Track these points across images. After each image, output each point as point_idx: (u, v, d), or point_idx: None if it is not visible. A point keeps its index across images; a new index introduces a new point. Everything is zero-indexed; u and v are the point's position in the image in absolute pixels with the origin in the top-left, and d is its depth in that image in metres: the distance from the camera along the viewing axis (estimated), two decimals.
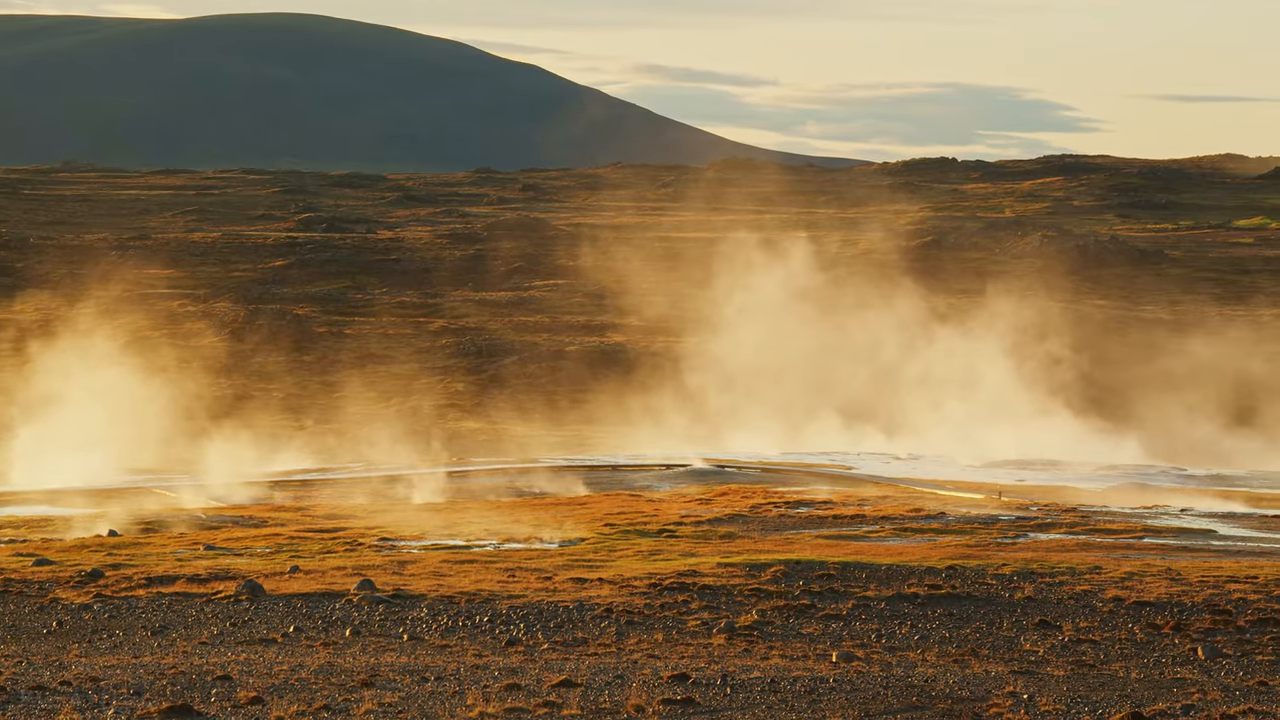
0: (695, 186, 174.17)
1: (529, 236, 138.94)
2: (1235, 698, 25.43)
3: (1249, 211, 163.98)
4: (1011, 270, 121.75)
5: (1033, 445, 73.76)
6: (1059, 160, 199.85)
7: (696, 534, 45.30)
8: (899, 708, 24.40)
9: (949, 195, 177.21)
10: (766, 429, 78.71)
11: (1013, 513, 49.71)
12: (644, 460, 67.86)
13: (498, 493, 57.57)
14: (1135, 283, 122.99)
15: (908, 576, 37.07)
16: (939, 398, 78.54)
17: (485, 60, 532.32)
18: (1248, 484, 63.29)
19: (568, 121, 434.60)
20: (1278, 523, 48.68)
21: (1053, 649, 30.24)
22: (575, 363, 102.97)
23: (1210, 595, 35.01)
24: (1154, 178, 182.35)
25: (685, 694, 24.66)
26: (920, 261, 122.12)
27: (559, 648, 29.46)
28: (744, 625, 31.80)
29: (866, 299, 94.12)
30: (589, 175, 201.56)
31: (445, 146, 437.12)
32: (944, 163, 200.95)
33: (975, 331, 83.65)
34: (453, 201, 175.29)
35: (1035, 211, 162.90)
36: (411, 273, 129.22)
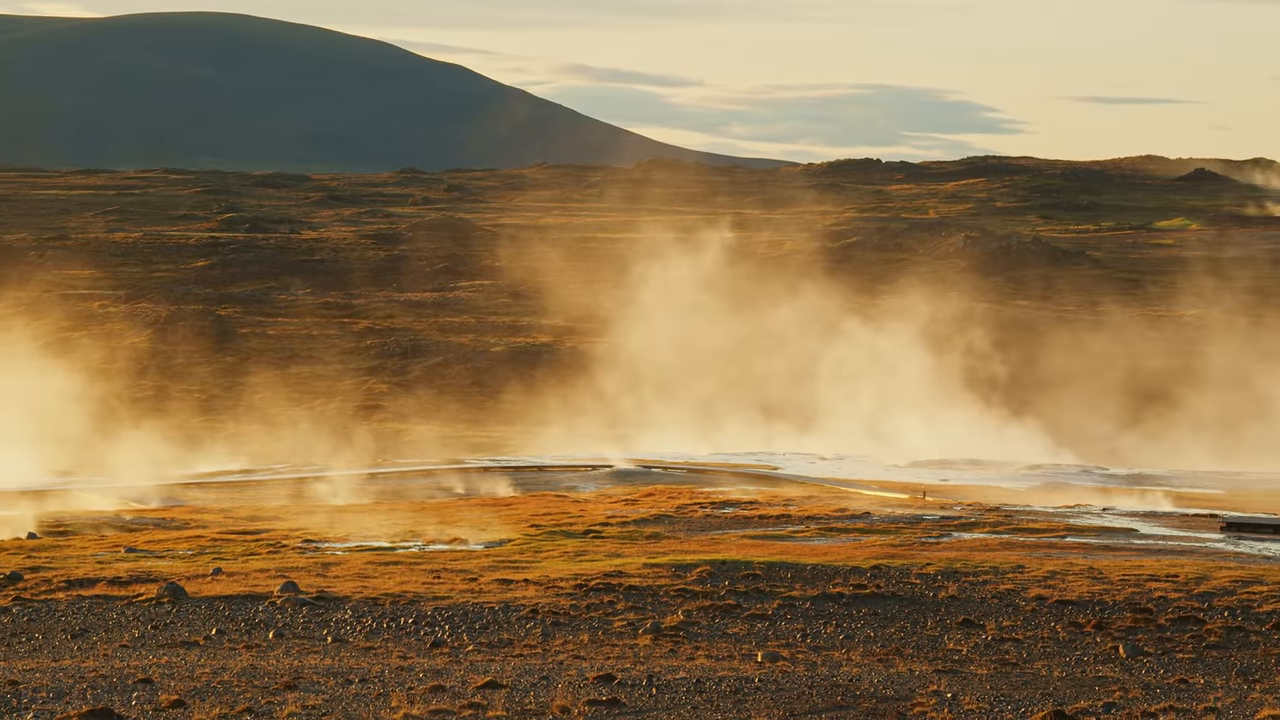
0: (620, 187, 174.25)
1: (453, 237, 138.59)
2: (1156, 695, 25.62)
3: (1169, 213, 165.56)
4: (935, 271, 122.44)
5: (954, 444, 74.16)
6: (982, 162, 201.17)
7: (623, 535, 45.27)
8: (824, 707, 24.44)
9: (873, 196, 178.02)
10: (691, 428, 78.82)
11: (937, 512, 49.94)
12: (570, 461, 67.77)
13: (423, 494, 57.34)
14: (1057, 283, 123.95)
15: (833, 576, 37.16)
16: (860, 397, 78.85)
17: (410, 60, 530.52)
18: (1168, 483, 63.87)
19: (493, 122, 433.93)
20: (1198, 521, 49.12)
21: (976, 648, 30.38)
22: (500, 363, 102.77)
23: (1132, 594, 35.28)
24: (1076, 179, 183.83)
25: (611, 695, 24.61)
26: (844, 262, 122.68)
27: (484, 649, 29.35)
28: (670, 626, 31.78)
29: (789, 299, 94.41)
30: (514, 175, 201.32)
31: (370, 146, 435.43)
32: (868, 164, 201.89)
33: (896, 331, 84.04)
34: (377, 202, 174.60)
35: (959, 212, 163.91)
36: (335, 273, 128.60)
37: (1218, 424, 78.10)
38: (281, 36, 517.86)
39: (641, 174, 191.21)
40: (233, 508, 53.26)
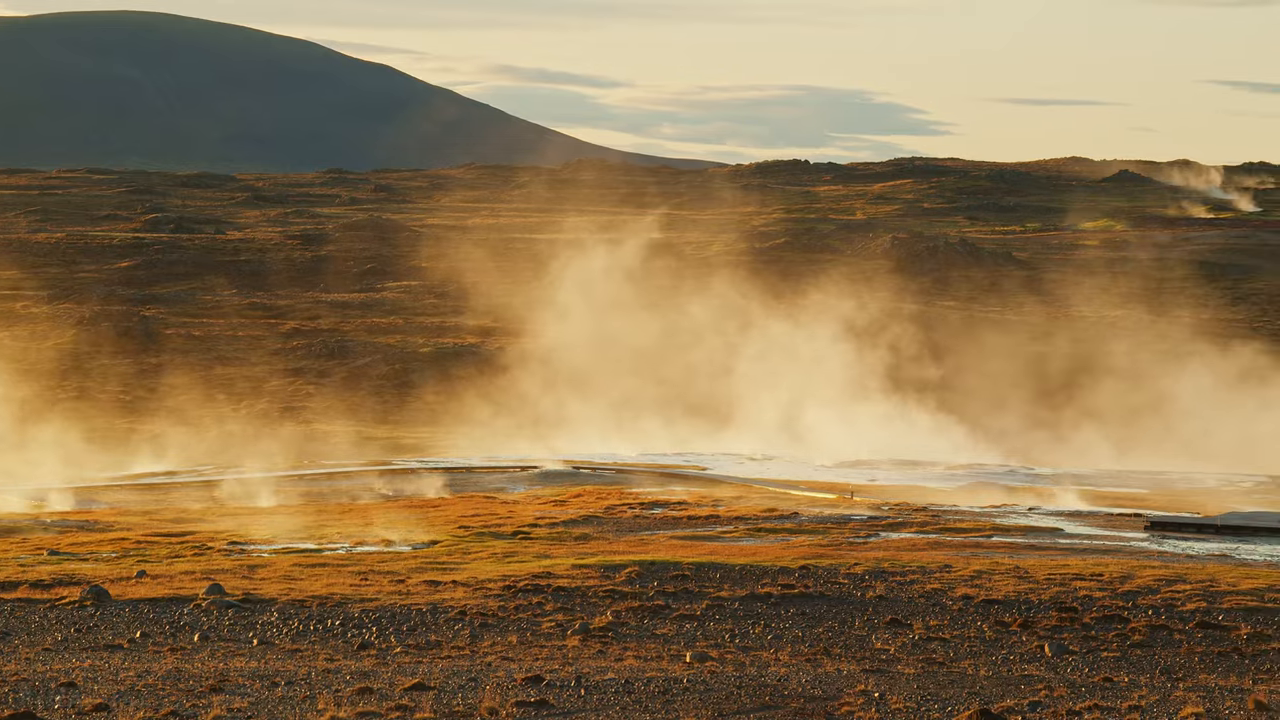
0: (548, 187, 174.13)
1: (380, 237, 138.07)
2: (1081, 694, 25.77)
3: (1094, 214, 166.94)
4: (862, 272, 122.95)
5: (880, 444, 74.47)
6: (909, 163, 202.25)
7: (551, 535, 45.19)
8: (752, 707, 24.46)
9: (801, 197, 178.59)
10: (617, 428, 78.81)
11: (865, 512, 50.11)
12: (498, 462, 67.61)
13: (350, 495, 57.06)
14: (982, 284, 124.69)
15: (761, 576, 37.22)
16: (783, 396, 79.03)
17: (336, 60, 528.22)
18: (1093, 482, 64.34)
19: (420, 122, 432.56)
20: (1123, 521, 49.49)
21: (904, 647, 30.48)
22: (427, 364, 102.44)
23: (1057, 593, 35.49)
24: (1002, 180, 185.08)
25: (539, 696, 24.55)
26: (772, 263, 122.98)
27: (412, 651, 29.22)
28: (599, 626, 31.73)
29: (715, 299, 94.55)
30: (442, 176, 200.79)
31: (296, 147, 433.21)
32: (796, 165, 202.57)
33: (821, 331, 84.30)
34: (303, 202, 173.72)
35: (886, 214, 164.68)
36: (261, 274, 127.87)
37: (1141, 424, 78.74)
38: (207, 36, 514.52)
39: (569, 174, 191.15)
40: (157, 510, 52.82)
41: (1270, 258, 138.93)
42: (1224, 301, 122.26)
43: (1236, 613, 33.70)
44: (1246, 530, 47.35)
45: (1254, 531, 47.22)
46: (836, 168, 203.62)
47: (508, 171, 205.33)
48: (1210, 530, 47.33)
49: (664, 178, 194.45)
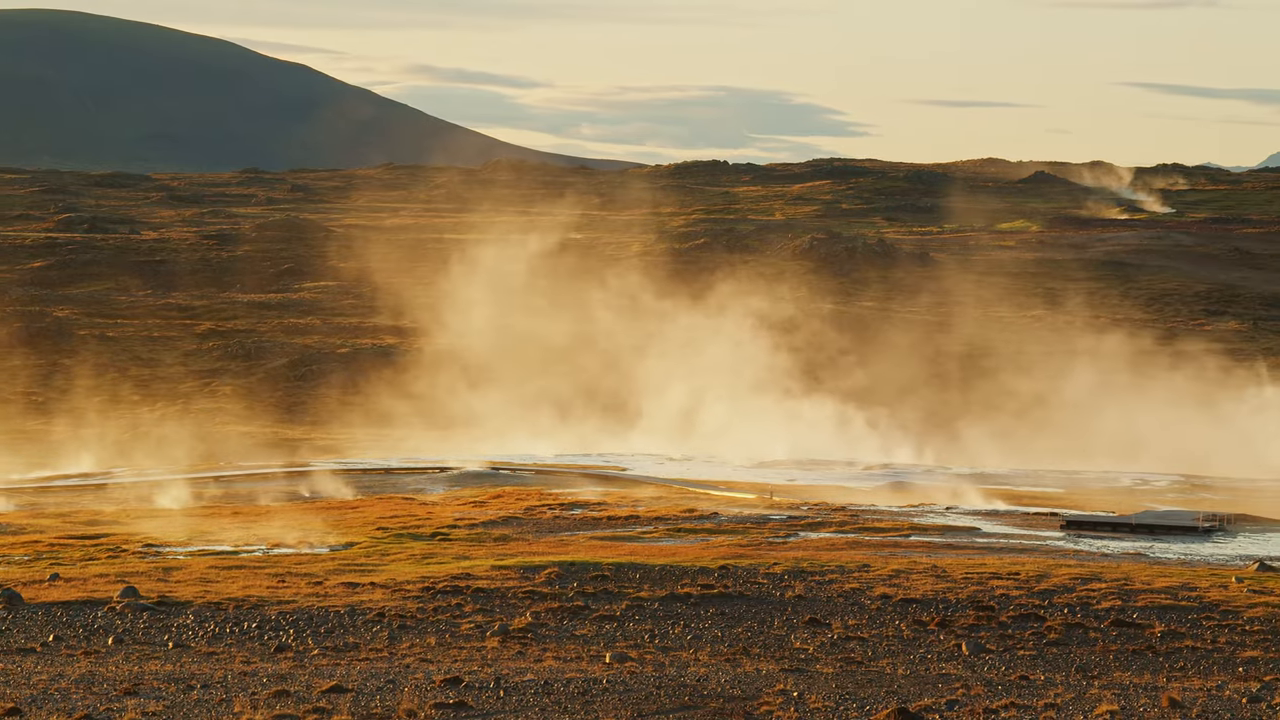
0: (468, 188, 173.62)
1: (297, 237, 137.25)
2: (998, 692, 25.90)
3: (1011, 215, 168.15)
4: (781, 272, 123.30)
5: (800, 444, 74.67)
6: (828, 164, 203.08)
7: (471, 537, 45.03)
8: (671, 707, 24.44)
9: (721, 198, 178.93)
10: (536, 429, 78.65)
11: (784, 512, 50.22)
12: (417, 463, 67.31)
13: (268, 497, 56.64)
14: (901, 285, 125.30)
15: (681, 577, 37.22)
16: (702, 397, 79.10)
17: (253, 59, 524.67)
18: (1010, 482, 64.77)
19: (338, 122, 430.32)
20: (1039, 520, 49.84)
21: (822, 646, 30.55)
22: (344, 365, 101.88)
23: (974, 592, 35.68)
24: (920, 182, 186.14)
25: (458, 697, 24.44)
26: (691, 263, 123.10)
27: (330, 653, 29.03)
28: (518, 628, 31.64)
29: (633, 301, 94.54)
30: (360, 176, 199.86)
31: (211, 146, 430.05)
32: (716, 166, 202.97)
33: (740, 332, 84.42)
34: (219, 202, 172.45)
35: (805, 214, 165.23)
36: (177, 274, 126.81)
37: (1055, 423, 79.30)
38: (121, 34, 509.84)
39: (487, 174, 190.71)
40: (71, 512, 52.24)
41: (1183, 258, 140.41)
42: (1137, 302, 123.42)
43: (1150, 611, 34.00)
44: (1160, 529, 47.80)
45: (1167, 530, 47.68)
46: (755, 168, 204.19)
47: (425, 171, 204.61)
48: (1125, 529, 47.75)
49: (583, 178, 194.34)
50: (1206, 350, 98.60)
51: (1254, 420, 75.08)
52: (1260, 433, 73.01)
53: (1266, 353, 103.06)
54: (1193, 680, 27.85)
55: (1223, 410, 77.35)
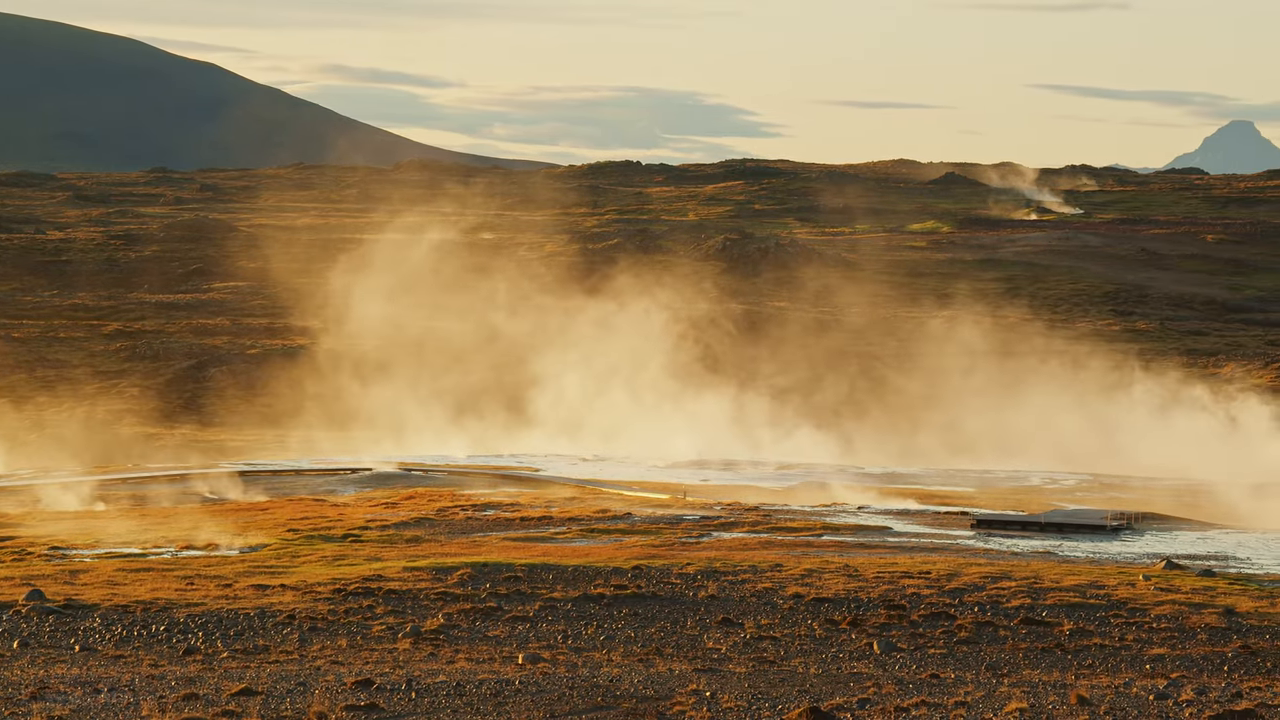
0: (380, 188, 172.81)
1: (207, 238, 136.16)
2: (909, 690, 26.02)
3: (922, 215, 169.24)
4: (695, 272, 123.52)
5: (711, 445, 74.78)
6: (741, 165, 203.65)
7: (382, 538, 44.80)
8: (584, 708, 24.40)
9: (634, 198, 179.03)
10: (448, 430, 78.38)
11: (697, 512, 50.27)
12: (328, 464, 66.89)
13: (176, 499, 56.12)
14: (813, 285, 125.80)
15: (594, 577, 37.18)
16: (613, 397, 79.07)
17: (161, 58, 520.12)
18: (921, 481, 65.14)
19: (248, 121, 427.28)
20: (950, 519, 50.14)
21: (735, 646, 30.60)
22: (255, 365, 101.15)
23: (886, 591, 35.85)
24: (832, 182, 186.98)
25: (369, 700, 24.29)
26: (605, 264, 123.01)
27: (239, 655, 28.79)
28: (430, 629, 31.49)
29: (545, 301, 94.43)
30: (270, 176, 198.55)
31: (119, 146, 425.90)
32: (629, 166, 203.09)
33: (653, 332, 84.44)
34: (127, 202, 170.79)
35: (718, 215, 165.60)
36: (84, 274, 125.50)
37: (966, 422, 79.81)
38: (27, 33, 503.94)
39: (400, 174, 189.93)
40: None
41: (1091, 259, 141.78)
42: (1046, 302, 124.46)
43: (1059, 609, 34.26)
44: (1069, 527, 48.22)
45: (1076, 529, 48.10)
46: (668, 169, 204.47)
47: (337, 171, 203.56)
48: (1034, 528, 48.12)
49: (495, 178, 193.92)
50: (1113, 350, 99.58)
51: (1157, 419, 75.87)
52: (1163, 432, 73.79)
53: (1173, 353, 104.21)
54: (1101, 678, 28.09)
55: (1125, 410, 78.11)
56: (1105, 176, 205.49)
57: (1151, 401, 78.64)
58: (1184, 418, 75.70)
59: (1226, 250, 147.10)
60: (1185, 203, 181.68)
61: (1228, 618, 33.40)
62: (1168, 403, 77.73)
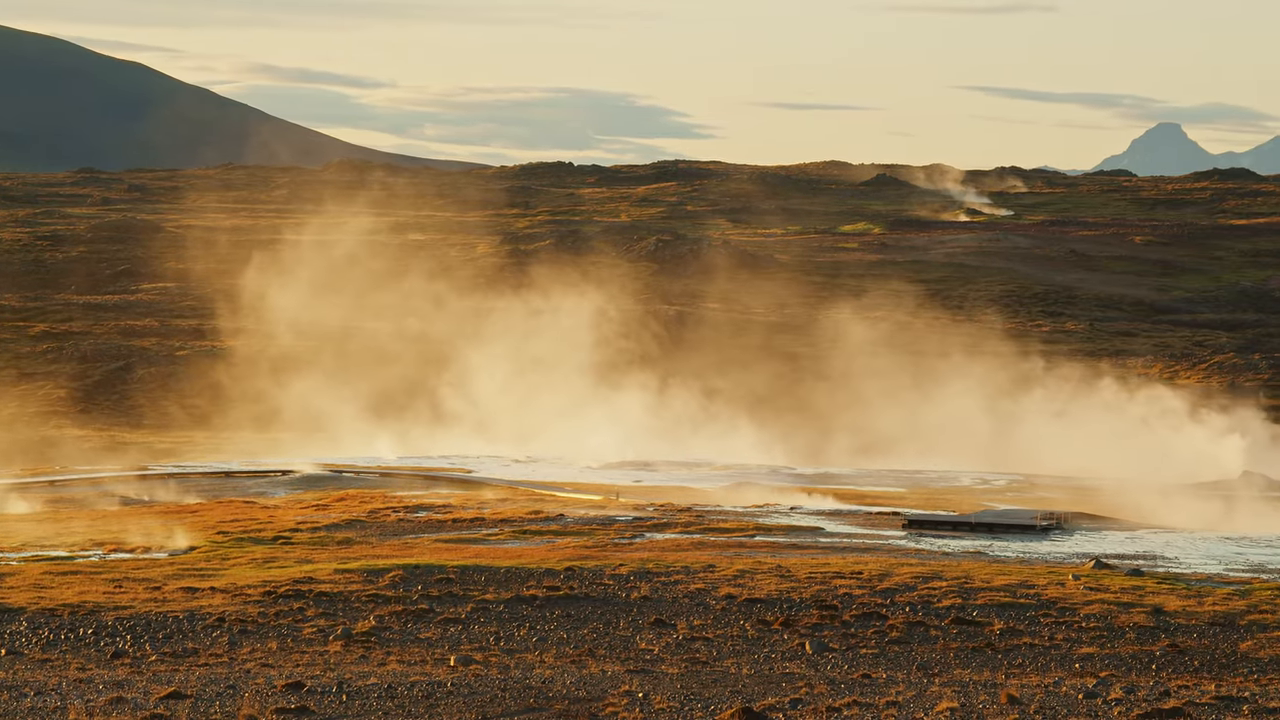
0: (308, 188, 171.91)
1: (135, 238, 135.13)
2: (841, 690, 26.07)
3: (853, 217, 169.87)
4: (627, 273, 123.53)
5: (646, 445, 74.81)
6: (673, 166, 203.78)
7: (313, 540, 44.56)
8: (516, 710, 24.33)
9: (566, 199, 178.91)
10: (378, 431, 78.06)
11: (630, 513, 50.24)
12: (258, 466, 66.50)
13: (105, 501, 55.64)
14: (746, 286, 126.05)
15: (526, 579, 37.09)
16: (542, 399, 78.96)
17: (87, 57, 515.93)
18: (853, 482, 65.37)
19: (176, 121, 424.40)
20: (882, 519, 50.32)
21: (668, 647, 30.58)
22: (184, 367, 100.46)
23: (818, 591, 35.92)
24: (764, 184, 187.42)
25: (300, 702, 24.14)
26: (536, 265, 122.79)
27: (168, 659, 28.56)
28: (361, 631, 31.34)
29: (476, 302, 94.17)
30: (199, 176, 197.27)
31: (45, 146, 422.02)
32: (561, 167, 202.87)
33: (585, 334, 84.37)
34: (53, 202, 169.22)
35: (650, 216, 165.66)
36: (10, 275, 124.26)
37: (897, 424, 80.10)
38: None
39: (329, 175, 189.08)
40: None
41: (1021, 260, 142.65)
42: (976, 304, 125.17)
43: (990, 609, 34.42)
44: (999, 527, 48.47)
45: (1006, 529, 48.36)
46: (600, 170, 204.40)
47: (266, 172, 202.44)
48: (965, 528, 48.36)
49: (426, 179, 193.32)
50: (1042, 352, 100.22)
51: (1084, 419, 76.36)
52: (1091, 432, 74.29)
53: (1102, 354, 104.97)
54: (1031, 677, 28.23)
55: (1055, 410, 78.58)
56: (1034, 178, 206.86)
57: (1079, 402, 79.14)
58: (1111, 419, 76.22)
59: (1154, 252, 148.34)
60: (1113, 204, 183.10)
61: (1156, 617, 33.65)
62: (1095, 403, 78.25)
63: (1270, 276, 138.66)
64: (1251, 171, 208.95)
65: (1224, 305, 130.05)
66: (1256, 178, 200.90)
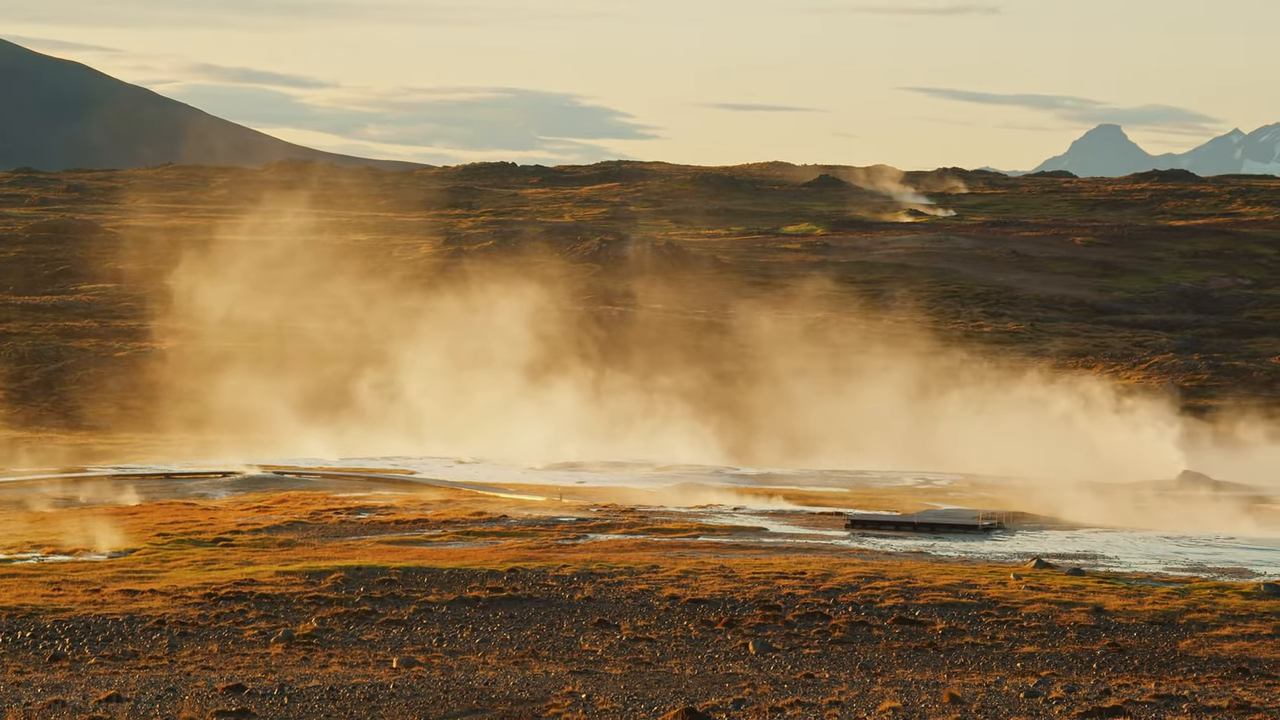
0: (249, 188, 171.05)
1: (74, 239, 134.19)
2: (784, 690, 26.10)
3: (796, 218, 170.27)
4: (570, 274, 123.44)
5: (590, 447, 74.74)
6: (616, 166, 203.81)
7: (254, 542, 44.32)
8: (459, 711, 24.25)
9: (509, 200, 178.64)
10: (315, 431, 77.74)
11: (574, 514, 50.18)
12: (199, 467, 66.11)
13: (44, 503, 55.19)
14: (690, 286, 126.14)
15: (470, 580, 36.99)
16: (484, 399, 78.81)
17: (25, 57, 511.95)
18: (797, 482, 65.48)
19: (115, 121, 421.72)
20: (825, 520, 50.41)
21: (611, 648, 30.55)
22: (124, 368, 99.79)
23: (761, 591, 35.95)
24: (707, 184, 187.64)
25: (240, 705, 23.99)
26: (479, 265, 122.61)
27: (108, 662, 28.34)
28: (303, 634, 31.17)
29: (416, 302, 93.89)
30: (138, 176, 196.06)
31: None
32: (504, 168, 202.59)
33: (525, 335, 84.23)
34: None
35: (594, 217, 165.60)
36: None
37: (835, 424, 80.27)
38: None
39: (271, 175, 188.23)
40: None
41: (963, 261, 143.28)
42: (918, 304, 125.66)
43: (932, 608, 34.53)
44: (941, 527, 48.65)
45: (949, 529, 48.54)
46: (544, 170, 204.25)
47: (205, 172, 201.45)
48: (908, 528, 48.51)
49: (368, 179, 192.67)
50: (983, 352, 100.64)
51: (1023, 420, 76.72)
52: (1030, 432, 74.66)
53: (1043, 354, 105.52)
54: (973, 676, 28.32)
55: (994, 410, 78.94)
56: (976, 179, 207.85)
57: (1019, 402, 79.51)
58: (1052, 420, 76.61)
59: (1095, 252, 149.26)
60: (1054, 205, 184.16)
61: (1096, 616, 33.82)
62: (1035, 404, 78.62)
63: (1209, 277, 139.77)
64: (1190, 173, 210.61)
65: (1163, 306, 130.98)
66: (1195, 179, 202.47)
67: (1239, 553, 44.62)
